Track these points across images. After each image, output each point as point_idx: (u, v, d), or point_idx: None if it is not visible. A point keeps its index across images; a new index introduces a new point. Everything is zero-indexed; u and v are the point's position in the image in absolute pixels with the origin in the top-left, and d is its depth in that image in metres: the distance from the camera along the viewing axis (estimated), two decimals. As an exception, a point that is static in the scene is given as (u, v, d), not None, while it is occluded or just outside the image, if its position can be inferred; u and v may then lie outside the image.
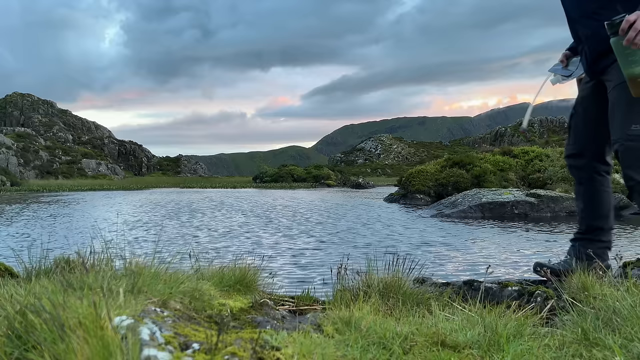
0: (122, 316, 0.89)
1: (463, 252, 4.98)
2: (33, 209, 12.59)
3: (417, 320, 1.37)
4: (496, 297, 2.00)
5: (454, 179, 13.53)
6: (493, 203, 9.67)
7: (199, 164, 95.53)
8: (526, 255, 4.73)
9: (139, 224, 8.38)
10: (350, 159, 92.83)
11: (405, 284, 1.80)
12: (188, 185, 39.33)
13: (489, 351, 1.15)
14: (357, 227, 7.54)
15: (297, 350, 0.97)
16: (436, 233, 6.74)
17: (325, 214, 10.27)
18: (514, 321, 1.28)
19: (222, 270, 1.97)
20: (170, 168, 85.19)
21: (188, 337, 0.95)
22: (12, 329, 0.86)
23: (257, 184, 39.90)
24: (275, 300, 1.95)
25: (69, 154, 65.29)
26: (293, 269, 4.24)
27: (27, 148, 58.60)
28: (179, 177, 74.46)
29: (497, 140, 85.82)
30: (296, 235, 6.61)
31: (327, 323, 1.34)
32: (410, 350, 1.15)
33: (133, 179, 58.93)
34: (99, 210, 12.05)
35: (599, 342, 1.15)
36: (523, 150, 15.53)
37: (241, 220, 9.03)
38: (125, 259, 1.51)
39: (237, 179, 57.19)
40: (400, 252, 4.43)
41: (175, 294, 1.29)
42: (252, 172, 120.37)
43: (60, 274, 1.42)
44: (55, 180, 48.45)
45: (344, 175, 42.65)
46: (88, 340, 0.75)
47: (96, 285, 1.10)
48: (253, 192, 23.69)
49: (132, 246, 5.64)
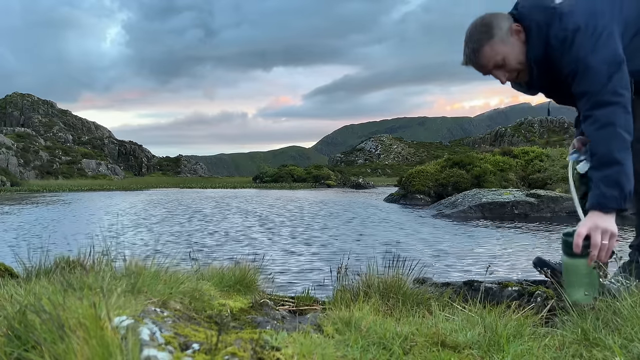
0: (122, 316, 0.89)
1: (463, 253, 4.98)
2: (33, 209, 12.59)
3: (417, 321, 1.37)
4: (496, 297, 2.00)
5: (454, 179, 13.53)
6: (493, 203, 9.67)
7: (199, 164, 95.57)
8: (526, 256, 4.73)
9: (139, 224, 8.38)
10: (350, 159, 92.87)
11: (405, 284, 1.80)
12: (188, 185, 39.34)
13: (489, 351, 1.14)
14: (357, 228, 7.54)
15: (297, 350, 0.97)
16: (436, 233, 6.74)
17: (325, 214, 10.26)
18: (514, 321, 1.28)
19: (222, 270, 1.97)
20: (170, 168, 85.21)
21: (188, 338, 0.95)
22: (12, 329, 0.86)
23: (257, 184, 39.91)
24: (275, 300, 1.95)
25: (69, 154, 65.30)
26: (293, 269, 4.23)
27: (27, 148, 58.60)
28: (179, 177, 74.49)
29: (497, 141, 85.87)
30: (296, 236, 6.61)
31: (327, 323, 1.34)
32: (410, 351, 1.15)
33: (133, 179, 58.95)
34: (99, 211, 12.05)
35: (599, 343, 1.15)
36: (523, 150, 15.54)
37: (241, 220, 9.03)
38: (125, 259, 1.51)
39: (237, 179, 57.21)
40: (400, 252, 4.43)
41: (175, 294, 1.29)
42: (252, 172, 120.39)
43: (60, 274, 1.42)
44: (55, 181, 48.45)
45: (344, 176, 42.66)
46: (88, 341, 0.75)
47: (96, 286, 1.10)
48: (253, 193, 23.69)
49: (132, 246, 5.64)
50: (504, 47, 1.74)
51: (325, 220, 8.87)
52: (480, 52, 1.75)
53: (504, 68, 1.78)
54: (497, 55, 1.75)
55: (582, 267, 1.52)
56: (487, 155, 15.25)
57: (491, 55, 1.75)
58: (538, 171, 13.97)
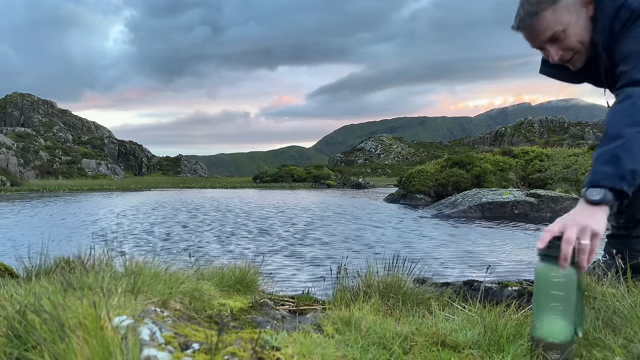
0: (122, 316, 0.89)
1: (463, 252, 4.98)
2: (33, 208, 12.59)
3: (417, 320, 1.37)
4: (496, 297, 2.00)
5: (454, 179, 13.53)
6: (493, 203, 9.67)
7: (199, 164, 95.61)
8: (526, 256, 4.73)
9: (139, 224, 8.38)
10: (350, 159, 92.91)
11: (405, 284, 1.80)
12: (188, 185, 39.34)
13: (489, 351, 1.14)
14: (357, 228, 7.54)
15: (297, 350, 0.97)
16: (436, 233, 6.74)
17: (325, 214, 10.27)
18: (514, 321, 1.28)
19: (222, 270, 1.97)
20: (170, 168, 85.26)
21: (188, 337, 0.95)
22: (12, 329, 0.86)
23: (257, 184, 39.90)
24: (275, 300, 1.95)
25: (69, 154, 65.33)
26: (293, 269, 4.24)
27: (27, 148, 58.61)
28: (178, 177, 74.53)
29: (497, 140, 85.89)
30: (296, 236, 6.61)
31: (327, 323, 1.34)
32: (410, 351, 1.15)
33: (133, 179, 58.95)
34: (99, 211, 12.05)
35: (599, 343, 1.15)
36: (523, 150, 15.54)
37: (241, 220, 9.03)
38: (125, 259, 1.51)
39: (237, 179, 57.22)
40: (400, 252, 4.43)
41: (175, 294, 1.29)
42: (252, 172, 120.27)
43: (60, 274, 1.42)
44: (55, 181, 48.45)
45: (344, 176, 42.67)
46: (88, 341, 0.75)
47: (96, 286, 1.10)
48: (253, 193, 23.69)
49: (132, 246, 5.65)
50: (569, 16, 1.43)
51: (325, 220, 8.87)
52: (539, 17, 1.43)
53: (561, 43, 1.47)
54: (558, 24, 1.43)
55: (561, 281, 1.08)
56: (487, 155, 15.25)
57: (551, 23, 1.43)
58: (538, 171, 13.97)
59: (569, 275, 1.08)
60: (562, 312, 1.07)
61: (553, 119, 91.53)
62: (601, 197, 1.16)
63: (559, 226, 1.12)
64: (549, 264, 1.10)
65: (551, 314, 1.08)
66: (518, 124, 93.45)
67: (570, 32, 1.44)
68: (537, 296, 1.12)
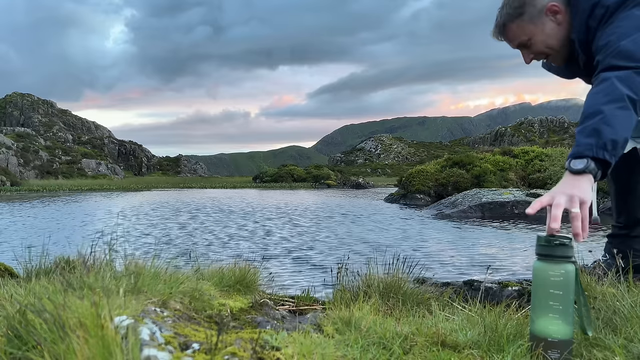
0: (122, 316, 0.89)
1: (463, 252, 4.98)
2: (33, 208, 12.59)
3: (417, 320, 1.37)
4: (496, 297, 2.00)
5: (454, 179, 13.53)
6: (493, 203, 9.67)
7: (199, 164, 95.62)
8: (526, 255, 4.73)
9: (139, 225, 8.38)
10: (350, 159, 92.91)
11: (405, 284, 1.80)
12: (188, 185, 39.33)
13: (489, 351, 1.14)
14: (356, 228, 7.54)
15: (297, 350, 0.97)
16: (436, 233, 6.74)
17: (325, 214, 10.27)
18: (514, 321, 1.28)
19: (222, 270, 1.97)
20: (170, 168, 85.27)
21: (188, 337, 0.95)
22: (12, 329, 0.86)
23: (257, 184, 39.90)
24: (275, 300, 1.95)
25: (68, 154, 65.34)
26: (293, 269, 4.23)
27: (27, 148, 58.61)
28: (178, 177, 74.53)
29: (497, 140, 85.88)
30: (296, 236, 6.61)
31: (327, 323, 1.34)
32: (410, 350, 1.15)
33: (133, 179, 58.94)
34: (99, 211, 12.05)
35: (599, 342, 1.15)
36: (523, 150, 15.54)
37: (240, 220, 9.03)
38: (125, 259, 1.51)
39: (237, 179, 57.20)
40: (401, 252, 4.43)
41: (175, 294, 1.29)
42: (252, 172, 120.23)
43: (60, 274, 1.42)
44: (55, 180, 48.44)
45: (344, 175, 42.66)
46: (88, 340, 0.75)
47: (96, 285, 1.10)
48: (253, 193, 23.69)
49: (132, 246, 5.65)
50: (533, 27, 1.61)
51: (325, 220, 8.87)
52: (506, 29, 1.67)
53: (529, 49, 1.67)
54: (523, 35, 1.64)
55: (560, 277, 1.07)
56: (487, 155, 15.25)
57: (517, 34, 1.65)
58: (538, 171, 13.97)
59: (567, 273, 1.09)
60: (561, 310, 1.08)
61: (553, 119, 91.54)
62: (584, 166, 1.24)
63: (548, 197, 1.20)
64: (546, 262, 1.13)
65: (550, 313, 1.08)
66: (518, 123, 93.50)
67: (536, 40, 1.63)
68: (536, 295, 1.13)
